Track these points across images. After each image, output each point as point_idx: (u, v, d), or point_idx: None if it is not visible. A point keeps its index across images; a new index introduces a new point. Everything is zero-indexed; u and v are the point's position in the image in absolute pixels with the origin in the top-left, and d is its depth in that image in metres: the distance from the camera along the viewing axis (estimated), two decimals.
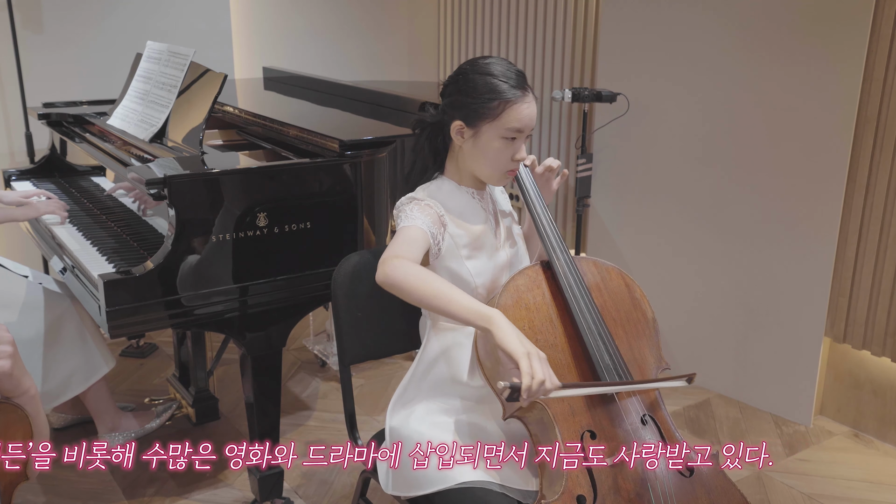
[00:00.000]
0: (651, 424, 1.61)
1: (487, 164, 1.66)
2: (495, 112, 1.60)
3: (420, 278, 1.49)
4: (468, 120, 1.63)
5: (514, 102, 1.60)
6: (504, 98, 1.60)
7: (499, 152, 1.63)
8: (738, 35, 2.95)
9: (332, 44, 4.38)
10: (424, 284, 1.48)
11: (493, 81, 1.61)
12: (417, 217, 1.62)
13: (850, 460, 2.80)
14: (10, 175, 3.04)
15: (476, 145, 1.64)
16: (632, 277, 1.77)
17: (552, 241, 1.69)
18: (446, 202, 1.68)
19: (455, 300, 1.47)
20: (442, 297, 1.47)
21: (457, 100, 1.64)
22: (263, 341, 2.23)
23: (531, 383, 1.35)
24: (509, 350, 1.39)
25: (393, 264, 1.51)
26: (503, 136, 1.61)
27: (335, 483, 2.61)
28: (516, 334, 1.42)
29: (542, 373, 1.37)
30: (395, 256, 1.53)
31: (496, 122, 1.61)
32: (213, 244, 2.08)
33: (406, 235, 1.60)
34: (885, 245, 2.74)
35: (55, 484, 2.56)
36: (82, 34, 3.57)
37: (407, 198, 1.69)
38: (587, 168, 3.44)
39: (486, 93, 1.60)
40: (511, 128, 1.61)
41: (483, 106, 1.61)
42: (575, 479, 1.48)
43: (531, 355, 1.38)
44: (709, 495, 1.58)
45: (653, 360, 1.70)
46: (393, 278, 1.50)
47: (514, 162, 1.65)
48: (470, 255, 1.68)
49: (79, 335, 2.52)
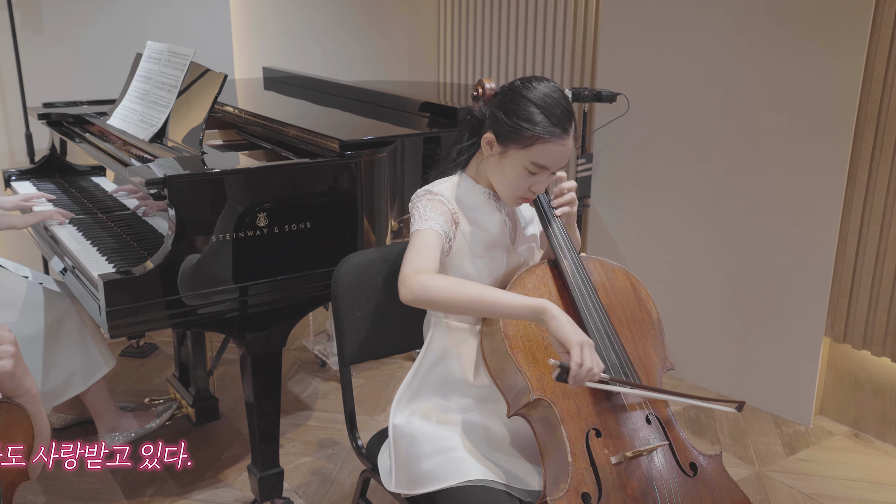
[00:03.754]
0: (656, 423, 1.62)
1: (504, 185, 1.64)
2: (526, 143, 1.57)
3: (453, 289, 1.49)
4: (499, 137, 1.61)
5: (547, 141, 1.56)
6: (539, 133, 1.56)
7: (519, 178, 1.62)
8: (738, 35, 2.95)
9: (332, 44, 4.37)
10: (461, 293, 1.49)
11: (534, 112, 1.57)
12: (431, 218, 1.61)
13: (850, 460, 2.80)
14: (10, 175, 3.04)
15: (500, 163, 1.63)
16: (637, 278, 1.78)
17: (560, 240, 1.69)
18: (462, 199, 1.68)
19: (500, 299, 1.50)
20: (485, 301, 1.49)
21: (497, 115, 1.61)
22: (263, 341, 2.23)
23: (578, 370, 1.43)
24: (564, 338, 1.45)
25: (418, 282, 1.50)
26: (527, 166, 1.59)
27: (335, 483, 2.61)
28: (570, 323, 1.46)
29: (591, 361, 1.44)
30: (416, 272, 1.52)
31: (524, 152, 1.58)
32: (214, 244, 2.08)
33: (421, 242, 1.58)
34: (885, 245, 2.74)
35: (55, 484, 2.56)
36: (82, 34, 3.57)
37: (423, 190, 1.68)
38: (587, 168, 3.44)
39: (523, 121, 1.57)
40: (537, 163, 1.59)
41: (516, 132, 1.58)
42: (580, 477, 1.49)
43: (584, 344, 1.44)
44: (712, 494, 1.59)
45: (657, 361, 1.71)
46: (422, 296, 1.50)
47: (530, 192, 1.64)
48: (481, 254, 1.67)
49: (79, 335, 2.52)
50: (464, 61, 4.45)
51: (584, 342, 1.45)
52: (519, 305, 1.49)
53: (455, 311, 1.52)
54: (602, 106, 3.40)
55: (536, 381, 1.55)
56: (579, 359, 1.43)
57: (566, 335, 1.45)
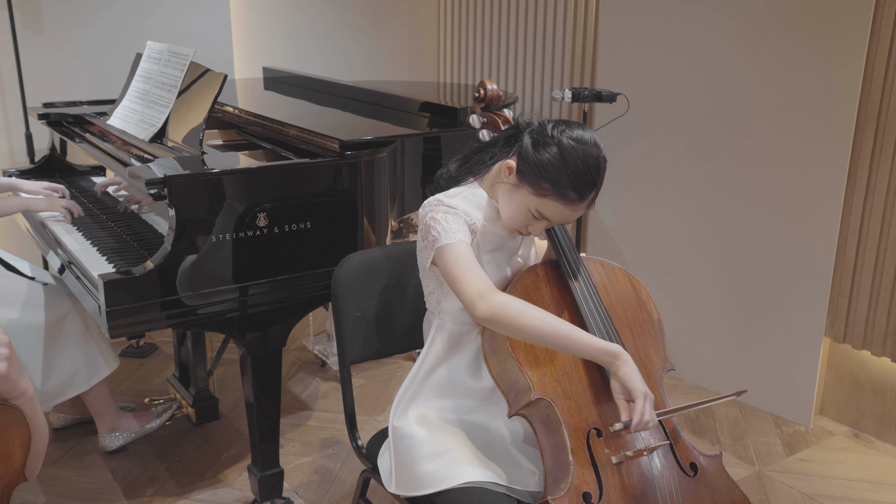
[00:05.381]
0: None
1: (506, 214, 1.64)
2: (542, 192, 1.56)
3: (533, 316, 1.49)
4: (519, 171, 1.59)
5: (565, 201, 1.55)
6: (560, 190, 1.54)
7: (521, 216, 1.61)
8: (738, 35, 2.95)
9: (332, 43, 4.38)
10: (540, 322, 1.49)
11: (560, 169, 1.53)
12: (457, 230, 1.58)
13: (850, 460, 2.80)
14: (10, 175, 3.04)
15: (510, 192, 1.61)
16: (637, 279, 1.78)
17: (560, 241, 1.70)
18: (475, 209, 1.66)
19: (577, 338, 1.50)
20: (562, 335, 1.49)
21: (526, 152, 1.58)
22: (263, 341, 2.23)
23: (639, 421, 1.46)
24: (632, 386, 1.48)
25: (498, 300, 1.49)
26: (532, 211, 1.59)
27: (335, 483, 2.61)
28: (639, 374, 1.49)
29: (650, 414, 1.47)
30: (490, 289, 1.51)
31: (536, 199, 1.57)
32: (213, 244, 2.08)
33: (464, 258, 1.55)
34: (885, 245, 2.74)
35: (55, 484, 2.56)
36: (82, 34, 3.57)
37: (436, 200, 1.64)
38: None
39: (547, 171, 1.54)
40: (542, 213, 1.58)
41: (536, 178, 1.56)
42: (581, 477, 1.49)
43: (647, 396, 1.47)
44: (712, 494, 1.59)
45: (658, 362, 1.71)
46: (502, 315, 1.49)
47: (526, 230, 1.64)
48: (491, 261, 1.68)
49: (82, 335, 2.52)
50: (464, 61, 4.45)
51: (649, 395, 1.47)
52: (594, 347, 1.50)
53: (527, 339, 1.52)
54: (602, 106, 3.40)
55: (537, 381, 1.55)
56: (643, 409, 1.46)
57: (634, 384, 1.47)
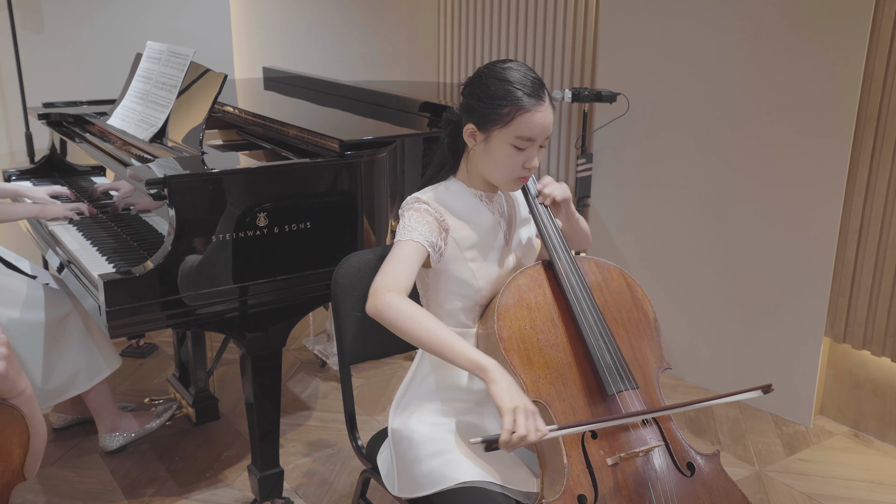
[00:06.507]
0: (653, 424, 1.61)
1: (497, 170, 1.64)
2: (506, 119, 1.58)
3: (415, 320, 1.50)
4: (480, 124, 1.62)
5: (526, 110, 1.57)
6: (516, 105, 1.57)
7: (509, 159, 1.61)
8: (738, 35, 2.95)
9: (332, 43, 4.38)
10: (419, 326, 1.49)
11: (507, 87, 1.58)
12: (414, 229, 1.61)
13: (850, 460, 2.80)
14: (10, 175, 3.04)
15: (487, 150, 1.63)
16: (633, 277, 1.78)
17: (554, 241, 1.69)
18: (452, 203, 1.67)
19: (452, 346, 1.48)
20: (437, 341, 1.48)
21: (471, 103, 1.63)
22: (263, 341, 2.23)
23: (509, 438, 1.38)
24: (497, 404, 1.41)
25: (385, 299, 1.51)
26: (513, 143, 1.59)
27: (335, 483, 2.61)
28: (508, 389, 1.42)
29: (525, 428, 1.39)
30: (387, 290, 1.52)
31: (507, 129, 1.59)
32: (214, 244, 2.08)
33: (399, 255, 1.59)
34: (885, 245, 2.74)
35: (55, 484, 2.56)
36: (82, 34, 3.58)
37: (412, 198, 1.68)
38: (587, 168, 3.44)
39: (498, 98, 1.58)
40: (521, 136, 1.59)
41: (494, 112, 1.59)
42: (576, 479, 1.48)
43: (517, 410, 1.40)
44: (710, 495, 1.58)
45: (654, 361, 1.70)
46: (385, 314, 1.51)
47: (524, 170, 1.63)
48: (474, 258, 1.67)
49: (83, 335, 2.53)
50: (464, 61, 4.45)
51: (520, 408, 1.40)
52: (466, 357, 1.47)
53: (407, 340, 1.52)
54: (602, 106, 3.40)
55: (531, 383, 1.54)
56: (510, 426, 1.39)
57: (499, 400, 1.41)
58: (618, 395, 1.58)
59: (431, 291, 1.71)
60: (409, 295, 1.55)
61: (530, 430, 1.39)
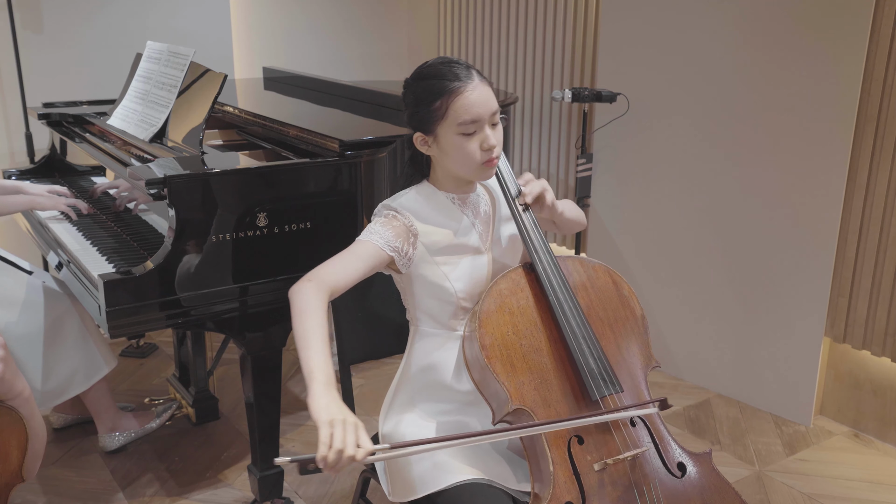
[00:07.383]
0: (641, 425, 1.59)
1: (458, 164, 1.61)
2: (441, 111, 1.56)
3: (302, 315, 1.47)
4: (424, 129, 1.61)
5: (455, 94, 1.55)
6: (443, 94, 1.56)
7: (463, 148, 1.58)
8: (738, 35, 2.95)
9: (331, 44, 4.38)
10: (299, 322, 1.47)
11: (430, 83, 1.58)
12: (376, 232, 1.60)
13: (850, 460, 2.80)
14: (10, 175, 3.04)
15: (441, 150, 1.61)
16: (620, 275, 1.74)
17: (534, 243, 1.66)
18: (421, 208, 1.65)
19: (304, 350, 1.42)
20: (301, 341, 1.45)
21: (409, 113, 1.63)
22: (263, 341, 2.23)
23: (327, 453, 1.27)
24: (314, 418, 1.32)
25: (299, 287, 1.51)
26: (459, 132, 1.57)
27: (335, 483, 2.61)
28: (327, 404, 1.34)
29: (342, 441, 1.27)
30: (311, 279, 1.52)
31: (447, 121, 1.57)
32: (213, 244, 2.08)
33: (348, 251, 1.58)
34: (885, 245, 2.74)
35: (55, 484, 2.56)
36: (82, 34, 3.58)
37: (382, 205, 1.68)
38: (587, 168, 3.44)
39: (427, 96, 1.57)
40: (463, 121, 1.56)
41: (428, 110, 1.58)
42: (562, 486, 1.46)
43: (334, 423, 1.29)
44: (702, 495, 1.56)
45: (642, 360, 1.68)
46: (291, 301, 1.50)
47: (484, 152, 1.59)
48: (446, 261, 1.65)
49: (80, 334, 2.52)
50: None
51: (337, 420, 1.29)
52: (306, 364, 1.40)
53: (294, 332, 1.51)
54: (602, 106, 3.40)
55: (515, 391, 1.52)
56: (326, 440, 1.27)
57: (314, 413, 1.32)
58: (601, 401, 1.56)
59: (409, 295, 1.70)
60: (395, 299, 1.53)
61: (348, 444, 1.27)
